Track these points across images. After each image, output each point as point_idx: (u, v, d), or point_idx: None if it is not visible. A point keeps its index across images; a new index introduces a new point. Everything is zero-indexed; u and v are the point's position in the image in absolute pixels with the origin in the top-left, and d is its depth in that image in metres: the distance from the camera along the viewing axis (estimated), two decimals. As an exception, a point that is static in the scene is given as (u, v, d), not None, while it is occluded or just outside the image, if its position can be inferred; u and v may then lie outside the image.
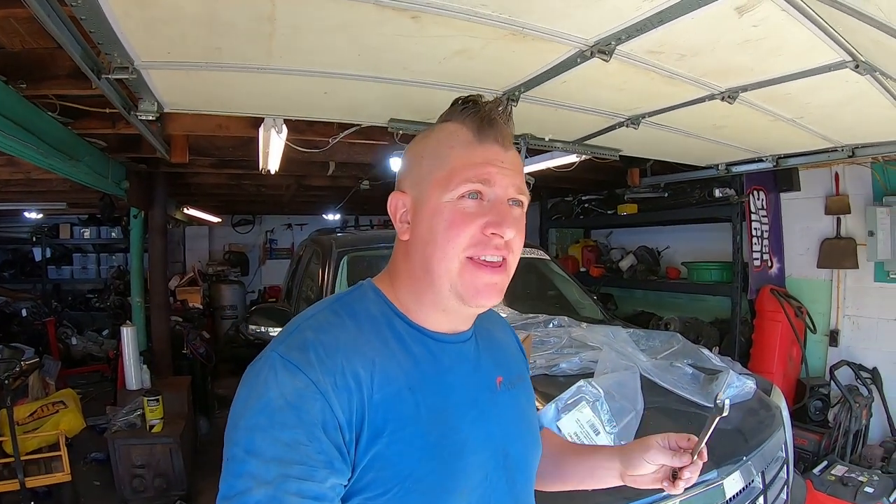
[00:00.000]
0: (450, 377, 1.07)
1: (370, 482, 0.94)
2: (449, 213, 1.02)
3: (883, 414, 4.52)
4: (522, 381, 1.28)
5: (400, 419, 0.97)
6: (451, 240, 1.01)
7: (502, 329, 1.37)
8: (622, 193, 6.58)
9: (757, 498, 2.39)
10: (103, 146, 4.15)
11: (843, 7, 1.54)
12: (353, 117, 3.44)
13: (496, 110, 1.07)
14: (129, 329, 5.12)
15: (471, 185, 1.01)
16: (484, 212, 1.02)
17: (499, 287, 1.04)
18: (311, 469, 0.88)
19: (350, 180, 6.59)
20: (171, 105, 2.90)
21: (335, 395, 0.92)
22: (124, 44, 2.04)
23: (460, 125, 1.07)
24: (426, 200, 1.05)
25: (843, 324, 4.93)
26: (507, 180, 1.04)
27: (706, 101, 2.82)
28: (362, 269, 4.01)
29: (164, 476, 4.58)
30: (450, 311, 1.08)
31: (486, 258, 1.02)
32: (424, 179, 1.06)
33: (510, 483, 1.13)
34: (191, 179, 6.27)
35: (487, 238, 1.01)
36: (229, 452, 0.92)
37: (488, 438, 1.09)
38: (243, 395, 0.96)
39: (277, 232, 12.30)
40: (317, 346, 0.96)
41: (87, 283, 10.14)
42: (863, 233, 4.65)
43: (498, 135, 1.06)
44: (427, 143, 1.11)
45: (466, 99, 1.09)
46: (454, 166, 1.03)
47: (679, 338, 3.37)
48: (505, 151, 1.06)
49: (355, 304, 1.08)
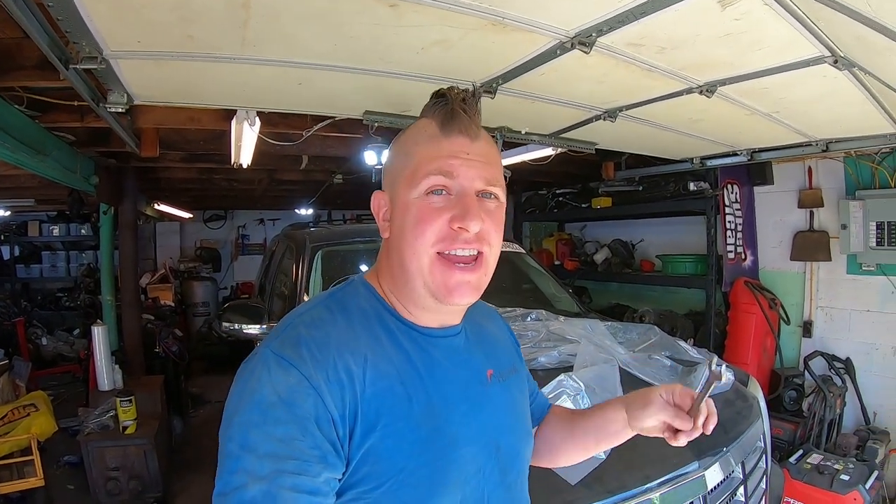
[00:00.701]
0: (440, 371, 1.08)
1: (364, 476, 0.95)
2: (416, 209, 1.03)
3: (856, 403, 4.59)
4: (515, 374, 1.28)
5: (392, 413, 0.98)
6: (418, 236, 1.02)
7: (494, 322, 1.37)
8: (597, 187, 6.59)
9: (737, 488, 2.41)
10: (72, 140, 4.05)
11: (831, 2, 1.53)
12: (328, 109, 3.39)
13: (459, 102, 1.07)
14: (100, 328, 5.00)
15: (433, 178, 1.02)
16: (450, 206, 1.02)
17: (472, 285, 1.04)
18: (305, 464, 0.90)
19: (323, 174, 6.56)
20: (142, 97, 2.82)
21: (328, 390, 0.93)
22: (93, 32, 1.97)
23: (430, 120, 1.08)
24: (398, 197, 1.07)
25: (816, 315, 5.00)
26: (472, 172, 1.04)
27: (684, 95, 2.82)
28: (337, 265, 3.99)
29: (138, 478, 4.49)
30: (429, 309, 1.08)
31: (457, 253, 1.02)
32: (396, 177, 1.08)
33: (503, 475, 1.14)
34: (161, 174, 6.16)
35: (455, 232, 1.01)
36: (224, 449, 0.93)
37: (480, 431, 1.10)
38: (237, 392, 0.97)
39: (249, 227, 12.15)
40: (309, 342, 0.97)
41: (56, 281, 9.95)
42: (835, 226, 4.71)
43: (462, 126, 1.06)
44: (400, 141, 1.13)
45: (440, 92, 1.10)
46: (419, 161, 1.04)
47: (656, 330, 3.38)
48: (472, 142, 1.06)
49: (347, 300, 1.09)
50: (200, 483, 4.90)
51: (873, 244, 4.45)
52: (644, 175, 5.92)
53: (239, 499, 0.87)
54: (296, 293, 3.72)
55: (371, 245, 4.27)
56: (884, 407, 4.53)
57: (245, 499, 0.87)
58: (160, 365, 6.10)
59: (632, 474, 2.10)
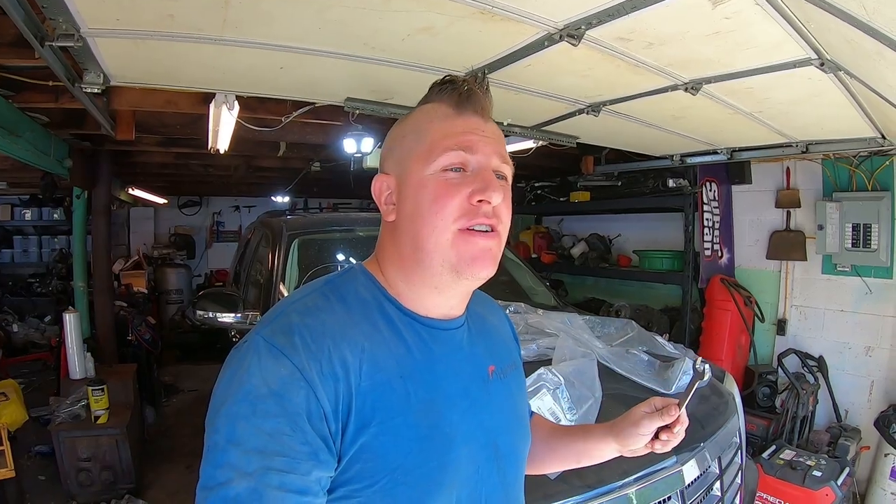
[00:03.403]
0: (441, 366, 1.05)
1: (357, 473, 0.92)
2: (433, 185, 1.00)
3: (828, 400, 4.66)
4: (515, 370, 1.26)
5: (389, 409, 0.94)
6: (437, 212, 0.99)
7: (496, 314, 1.35)
8: (575, 181, 6.63)
9: (713, 483, 2.43)
10: (46, 121, 3.94)
11: (823, 4, 1.53)
12: (309, 95, 3.33)
13: (474, 83, 1.07)
14: (72, 315, 4.91)
15: (452, 153, 1.00)
16: (468, 181, 1.01)
17: (493, 253, 1.03)
18: (294, 461, 0.86)
19: (301, 162, 6.50)
20: (118, 77, 2.75)
21: (321, 383, 0.89)
22: (70, 8, 1.90)
23: (439, 103, 1.07)
24: (409, 176, 1.04)
25: (790, 313, 5.07)
26: (489, 148, 1.04)
27: (669, 92, 2.83)
28: (313, 253, 3.96)
29: (110, 469, 4.42)
30: (443, 289, 1.05)
31: (477, 228, 1.00)
32: (406, 157, 1.05)
33: (501, 475, 1.12)
34: (137, 158, 6.04)
35: (475, 207, 1.00)
36: (210, 440, 0.89)
37: (479, 430, 1.07)
38: (226, 381, 0.92)
39: (225, 214, 12.00)
40: (302, 330, 0.93)
41: (28, 266, 9.70)
42: (812, 226, 4.77)
43: (477, 106, 1.06)
44: (407, 123, 1.11)
45: (443, 79, 1.10)
46: (434, 138, 1.02)
47: (634, 325, 3.41)
48: (485, 122, 1.07)
49: (345, 287, 1.05)
50: (173, 473, 4.86)
51: (849, 245, 4.52)
52: (623, 170, 5.97)
53: (223, 495, 0.84)
54: (271, 282, 3.68)
55: (348, 234, 4.24)
56: (855, 405, 4.61)
57: (230, 496, 0.83)
58: (132, 353, 6.01)
59: (609, 469, 2.07)
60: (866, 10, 1.40)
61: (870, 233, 4.41)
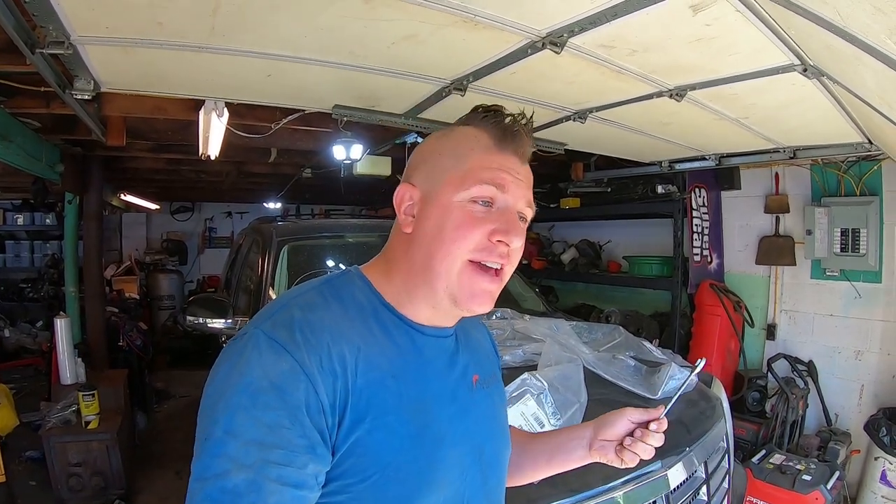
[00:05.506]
0: (431, 370, 1.07)
1: (349, 468, 0.93)
2: (458, 213, 1.02)
3: (818, 405, 4.68)
4: (496, 381, 1.29)
5: (382, 406, 0.96)
6: (456, 240, 1.01)
7: (477, 328, 1.37)
8: (565, 187, 6.62)
9: (700, 487, 2.43)
10: (37, 127, 3.97)
11: (800, 10, 1.55)
12: (297, 102, 3.36)
13: (519, 122, 1.08)
14: (63, 320, 4.90)
15: (486, 187, 1.02)
16: (493, 218, 1.02)
17: (493, 295, 1.05)
18: (292, 454, 0.86)
19: (292, 168, 6.52)
20: (108, 84, 2.77)
21: (320, 377, 0.90)
22: (60, 16, 1.92)
23: (482, 131, 1.07)
24: (437, 196, 1.05)
25: (780, 318, 5.09)
26: (520, 192, 1.05)
27: (654, 98, 2.85)
28: (303, 260, 3.97)
29: (101, 474, 4.41)
30: (439, 310, 1.07)
31: (488, 264, 1.02)
32: (439, 175, 1.06)
33: (484, 480, 1.14)
34: (128, 164, 6.07)
35: (493, 245, 1.02)
36: (206, 431, 0.88)
37: (466, 434, 1.10)
38: (223, 373, 0.92)
39: (217, 220, 11.99)
40: (303, 325, 0.94)
41: (20, 271, 9.60)
42: (801, 231, 4.78)
43: (518, 147, 1.07)
44: (446, 142, 1.11)
45: (489, 107, 1.10)
46: (471, 167, 1.04)
47: (621, 330, 3.42)
48: (521, 164, 1.09)
49: (342, 288, 1.07)
50: (164, 479, 4.84)
51: (837, 250, 4.56)
52: (613, 177, 5.97)
53: (221, 486, 0.83)
54: (261, 288, 3.68)
55: (337, 240, 4.25)
56: (845, 409, 4.63)
57: (227, 486, 0.83)
58: (124, 358, 6.00)
59: (595, 473, 2.09)
60: (840, 15, 1.41)
61: (858, 237, 4.44)
